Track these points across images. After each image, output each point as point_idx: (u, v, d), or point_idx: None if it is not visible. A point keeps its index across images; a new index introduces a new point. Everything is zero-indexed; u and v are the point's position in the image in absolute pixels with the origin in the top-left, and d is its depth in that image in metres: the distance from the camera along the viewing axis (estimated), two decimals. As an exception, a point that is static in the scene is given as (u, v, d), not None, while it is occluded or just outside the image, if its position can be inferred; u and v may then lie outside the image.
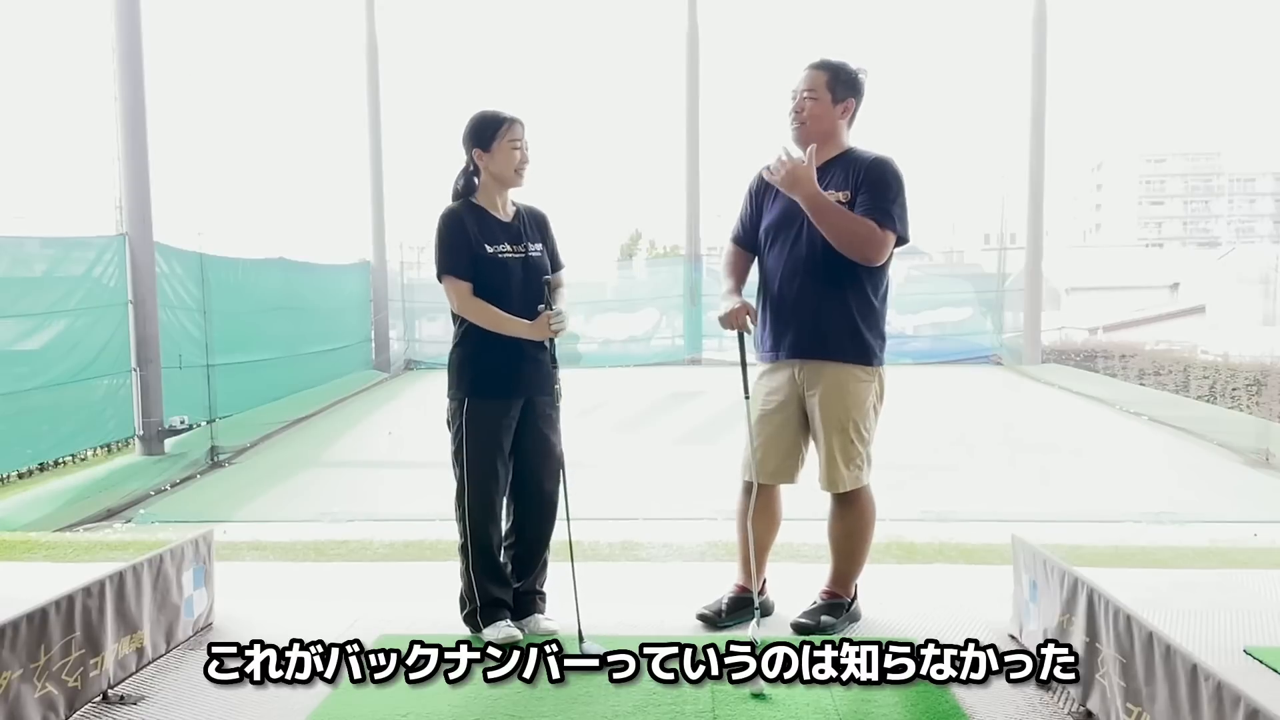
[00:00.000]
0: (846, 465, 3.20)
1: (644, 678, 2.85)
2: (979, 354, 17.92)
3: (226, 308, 11.30)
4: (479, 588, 3.19)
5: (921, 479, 7.91)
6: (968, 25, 40.50)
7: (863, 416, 3.22)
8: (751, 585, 3.38)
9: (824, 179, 3.15)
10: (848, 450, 3.20)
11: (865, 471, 3.27)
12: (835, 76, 3.18)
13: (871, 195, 3.11)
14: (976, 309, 18.82)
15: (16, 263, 8.33)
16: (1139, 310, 28.20)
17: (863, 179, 3.13)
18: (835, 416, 3.18)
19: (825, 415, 3.18)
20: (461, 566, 3.23)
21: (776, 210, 3.25)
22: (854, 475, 3.23)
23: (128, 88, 9.23)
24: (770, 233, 3.26)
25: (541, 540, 3.30)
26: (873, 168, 3.15)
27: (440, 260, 3.12)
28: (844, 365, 3.18)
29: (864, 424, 3.23)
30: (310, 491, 8.13)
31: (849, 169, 3.17)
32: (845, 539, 3.32)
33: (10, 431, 7.98)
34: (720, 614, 3.31)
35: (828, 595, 3.34)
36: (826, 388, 3.18)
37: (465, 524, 3.18)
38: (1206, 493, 7.63)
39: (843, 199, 3.13)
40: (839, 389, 3.17)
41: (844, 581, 3.34)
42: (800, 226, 3.16)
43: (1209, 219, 73.88)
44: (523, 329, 3.09)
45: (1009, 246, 18.37)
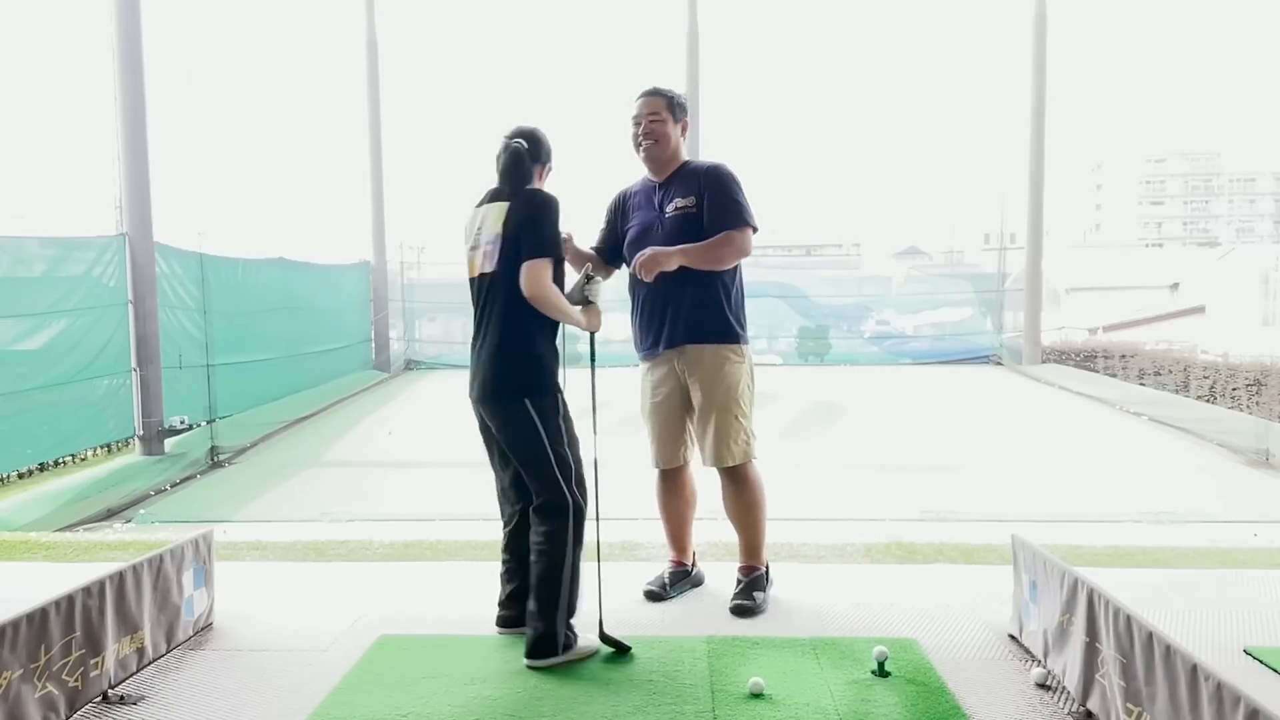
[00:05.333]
0: (733, 440, 3.44)
1: (644, 678, 2.86)
2: (979, 354, 17.94)
3: (226, 308, 11.31)
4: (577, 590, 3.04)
5: (921, 479, 7.92)
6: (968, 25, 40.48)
7: (740, 394, 3.47)
8: (685, 558, 3.76)
9: (669, 191, 3.52)
10: (732, 426, 3.44)
11: (752, 444, 3.51)
12: (670, 101, 3.54)
13: (720, 201, 3.43)
14: (976, 309, 18.85)
15: (16, 263, 8.33)
16: (1139, 310, 28.20)
17: (705, 186, 3.46)
18: (716, 395, 3.44)
19: (706, 395, 3.45)
20: (573, 571, 3.01)
21: (634, 227, 3.58)
22: (741, 449, 3.46)
23: (128, 88, 9.23)
24: (632, 247, 3.53)
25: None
26: (711, 175, 3.49)
27: (552, 239, 3.00)
28: (716, 347, 3.46)
29: (743, 400, 3.48)
30: (310, 491, 8.13)
31: (688, 178, 3.52)
32: (745, 511, 3.53)
33: (10, 431, 7.99)
34: (665, 587, 3.64)
35: (746, 570, 3.56)
36: (705, 370, 3.45)
37: (581, 520, 3.05)
38: (1206, 493, 7.63)
39: (688, 204, 3.46)
40: (715, 370, 3.45)
41: (755, 552, 3.57)
42: (656, 235, 3.47)
43: (1209, 219, 73.86)
44: (580, 320, 3.11)
45: (1009, 246, 18.39)
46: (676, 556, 3.76)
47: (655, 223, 3.52)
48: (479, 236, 3.07)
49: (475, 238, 3.09)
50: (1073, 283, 31.39)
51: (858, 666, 2.92)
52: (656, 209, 3.54)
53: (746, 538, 3.57)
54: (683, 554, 3.76)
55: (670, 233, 3.45)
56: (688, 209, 3.46)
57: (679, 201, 3.48)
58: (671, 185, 3.54)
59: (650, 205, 3.57)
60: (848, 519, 5.83)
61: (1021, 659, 3.00)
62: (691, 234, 3.41)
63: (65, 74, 21.93)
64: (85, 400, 8.86)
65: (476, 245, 3.08)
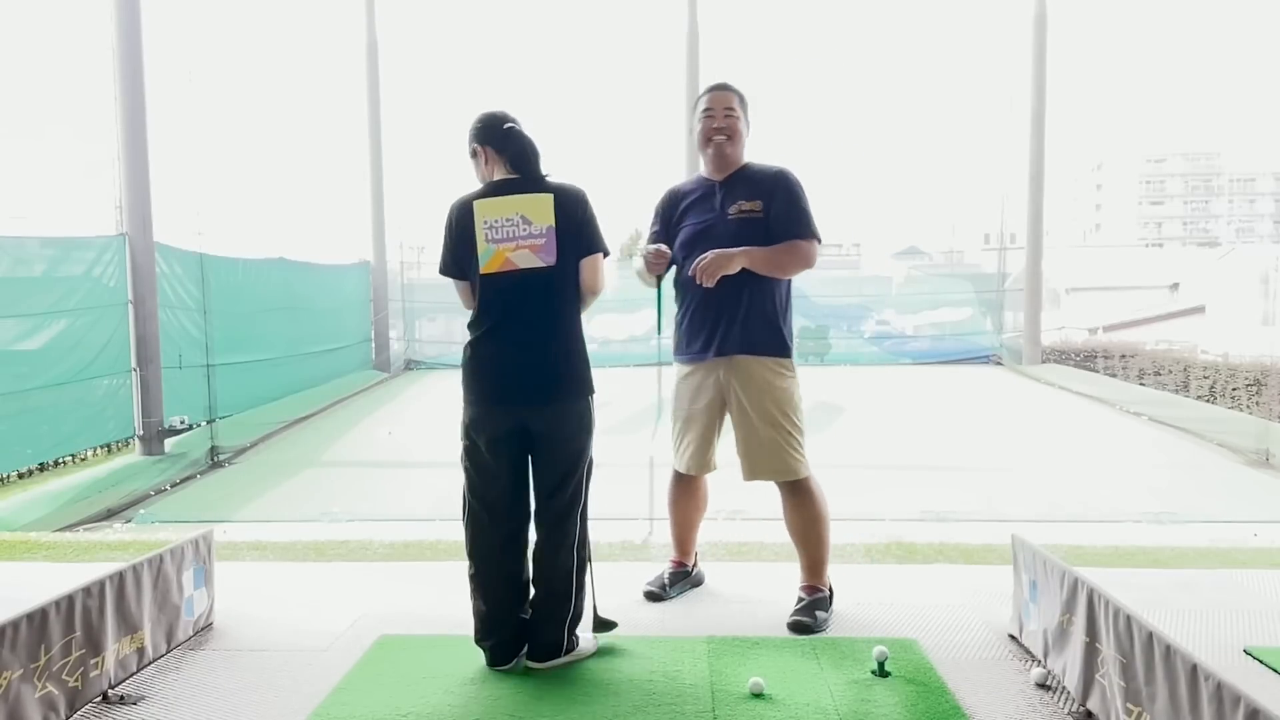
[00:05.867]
0: (792, 453, 3.33)
1: (644, 678, 2.86)
2: (979, 354, 17.94)
3: (226, 308, 11.31)
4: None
5: (921, 479, 7.92)
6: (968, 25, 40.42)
7: (794, 407, 3.39)
8: (687, 560, 3.74)
9: (731, 192, 3.39)
10: (789, 440, 3.34)
11: (807, 458, 3.41)
12: (741, 98, 3.45)
13: (790, 208, 3.33)
14: (976, 309, 18.85)
15: (16, 263, 8.33)
16: (1139, 310, 28.20)
17: (773, 192, 3.35)
18: (768, 410, 3.33)
19: (756, 409, 3.33)
20: (583, 575, 3.02)
21: (691, 226, 3.45)
22: (803, 462, 3.36)
23: (128, 88, 9.23)
24: (686, 247, 3.42)
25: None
26: (780, 181, 3.38)
27: (602, 234, 2.99)
28: (767, 359, 3.35)
29: (795, 414, 3.39)
30: (310, 491, 8.12)
31: (754, 182, 3.40)
32: (808, 526, 3.39)
33: (10, 431, 7.99)
34: (665, 588, 3.61)
35: (809, 589, 3.40)
36: (755, 384, 3.34)
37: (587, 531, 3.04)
38: (1206, 493, 7.63)
39: (755, 208, 3.34)
40: (766, 383, 3.34)
41: (819, 570, 3.42)
42: (719, 238, 3.33)
43: (1209, 219, 73.90)
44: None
45: (1009, 246, 18.38)
46: (678, 557, 3.75)
47: (716, 224, 3.38)
48: (511, 229, 2.84)
49: (505, 230, 2.84)
50: (1073, 283, 31.41)
51: (858, 666, 2.92)
52: (717, 209, 3.40)
53: (809, 555, 3.40)
54: (685, 555, 3.75)
55: (733, 235, 3.31)
56: (754, 213, 3.33)
57: (743, 204, 3.35)
58: (734, 186, 3.40)
59: (709, 205, 3.43)
60: (848, 519, 5.80)
61: (1021, 659, 3.00)
62: (756, 239, 3.29)
63: (65, 74, 21.93)
64: (85, 400, 8.86)
65: (510, 238, 2.84)
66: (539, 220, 2.85)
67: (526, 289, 2.86)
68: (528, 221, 2.85)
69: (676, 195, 3.55)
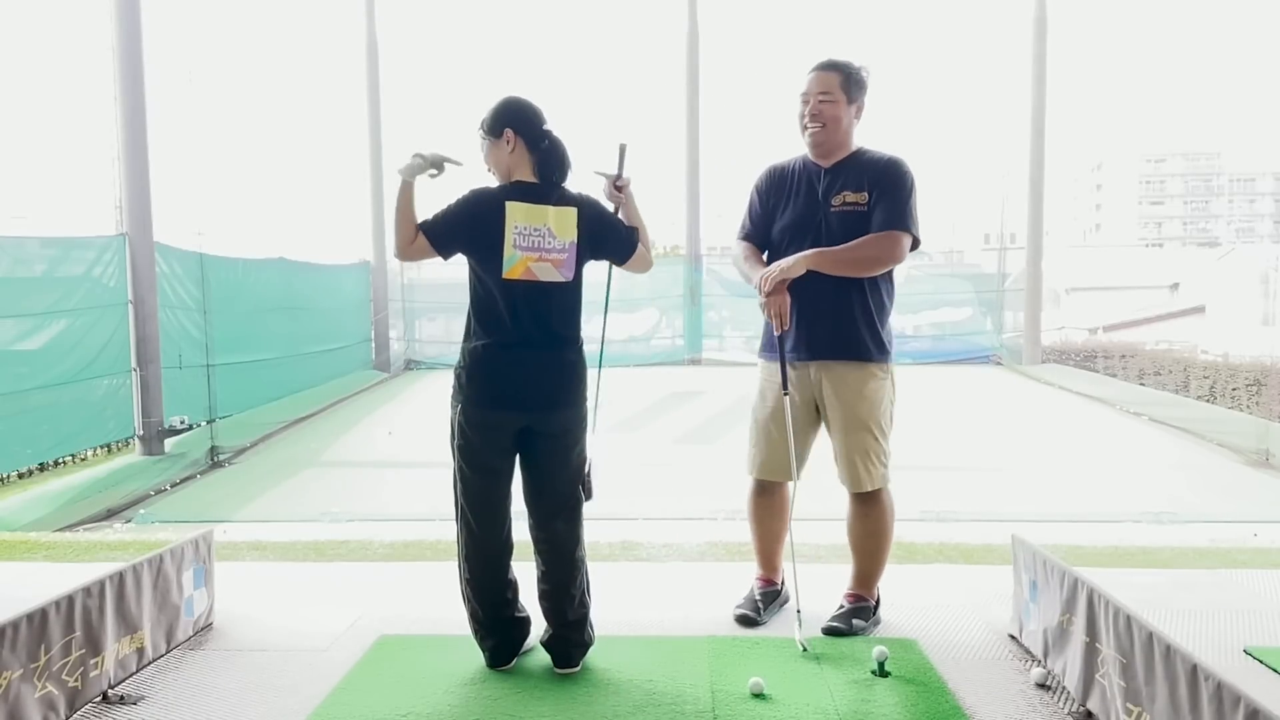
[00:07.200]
0: (871, 463, 3.19)
1: (644, 678, 2.86)
2: (979, 354, 17.92)
3: (226, 308, 11.30)
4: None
5: (921, 479, 7.90)
6: (968, 26, 40.42)
7: (882, 414, 3.21)
8: (775, 576, 3.45)
9: (836, 181, 3.17)
10: (871, 448, 3.18)
11: (887, 469, 3.25)
12: (847, 77, 3.15)
13: (888, 200, 3.11)
14: (976, 309, 18.82)
15: (16, 263, 8.32)
16: (1139, 310, 28.21)
17: (879, 181, 3.13)
18: (856, 415, 3.17)
19: (846, 414, 3.17)
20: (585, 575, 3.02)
21: (791, 213, 3.24)
22: (879, 473, 3.21)
23: (128, 88, 9.22)
24: (786, 234, 3.23)
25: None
26: (889, 171, 3.15)
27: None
28: (862, 364, 3.17)
29: (883, 421, 3.22)
30: (310, 491, 8.12)
31: (862, 170, 3.17)
32: (868, 539, 3.27)
33: (10, 431, 7.98)
34: (759, 610, 3.33)
35: (853, 598, 3.30)
36: (846, 387, 3.17)
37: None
38: (1206, 493, 7.62)
39: (860, 200, 3.12)
40: (858, 387, 3.17)
41: (869, 583, 3.32)
42: (818, 231, 3.16)
43: (1209, 219, 73.91)
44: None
45: (1009, 246, 18.37)
46: (766, 574, 3.46)
47: (817, 216, 3.17)
48: (539, 239, 2.81)
49: (533, 239, 2.81)
50: (1073, 283, 31.42)
51: (858, 666, 2.92)
52: (820, 198, 3.18)
53: (863, 565, 3.29)
54: (773, 572, 3.46)
55: (834, 231, 3.12)
56: (857, 205, 3.12)
57: (848, 195, 3.13)
58: (841, 173, 3.17)
59: (812, 193, 3.20)
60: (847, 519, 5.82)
61: (1021, 659, 3.00)
62: (860, 235, 3.10)
63: (65, 74, 21.93)
64: (85, 400, 8.85)
65: (535, 249, 2.81)
66: (563, 235, 2.85)
67: (543, 300, 2.85)
68: (554, 235, 2.84)
69: (778, 174, 3.32)
